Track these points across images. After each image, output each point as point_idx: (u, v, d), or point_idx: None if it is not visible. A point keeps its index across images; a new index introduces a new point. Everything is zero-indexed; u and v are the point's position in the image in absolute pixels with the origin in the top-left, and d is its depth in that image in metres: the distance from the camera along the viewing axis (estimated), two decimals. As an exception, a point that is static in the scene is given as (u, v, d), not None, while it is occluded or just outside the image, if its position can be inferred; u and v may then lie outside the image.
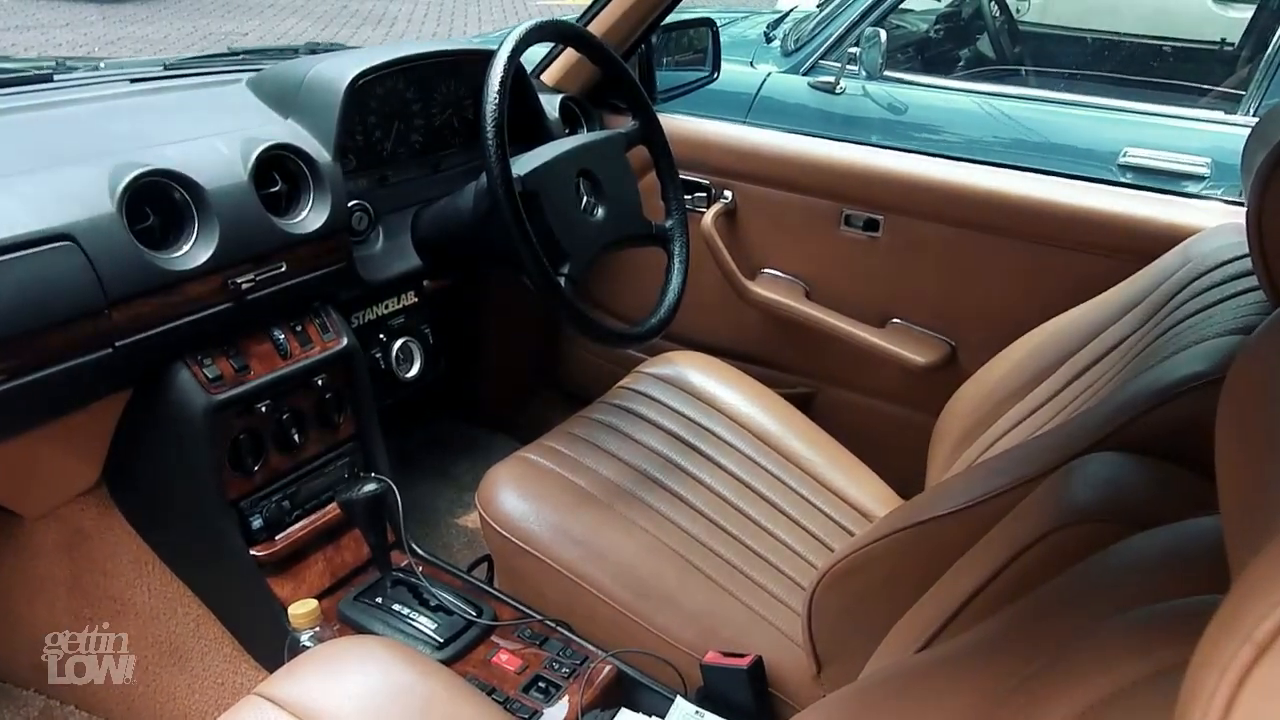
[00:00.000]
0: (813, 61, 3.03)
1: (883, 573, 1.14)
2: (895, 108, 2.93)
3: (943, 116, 2.95)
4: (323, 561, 1.43)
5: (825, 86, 2.94)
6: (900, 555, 1.12)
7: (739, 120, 2.18)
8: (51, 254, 1.09)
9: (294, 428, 1.41)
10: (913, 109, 2.95)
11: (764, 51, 3.28)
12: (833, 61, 3.00)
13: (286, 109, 1.47)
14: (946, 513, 1.05)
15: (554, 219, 1.45)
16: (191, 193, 1.25)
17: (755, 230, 2.00)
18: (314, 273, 1.41)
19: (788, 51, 3.18)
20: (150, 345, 1.20)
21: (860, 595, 1.18)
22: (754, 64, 3.14)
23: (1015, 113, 2.92)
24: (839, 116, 2.90)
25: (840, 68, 2.90)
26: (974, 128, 2.89)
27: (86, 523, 1.40)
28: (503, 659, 1.33)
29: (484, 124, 1.33)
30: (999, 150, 2.80)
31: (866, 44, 2.85)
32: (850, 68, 2.91)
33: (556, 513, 1.44)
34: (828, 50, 3.01)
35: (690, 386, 1.75)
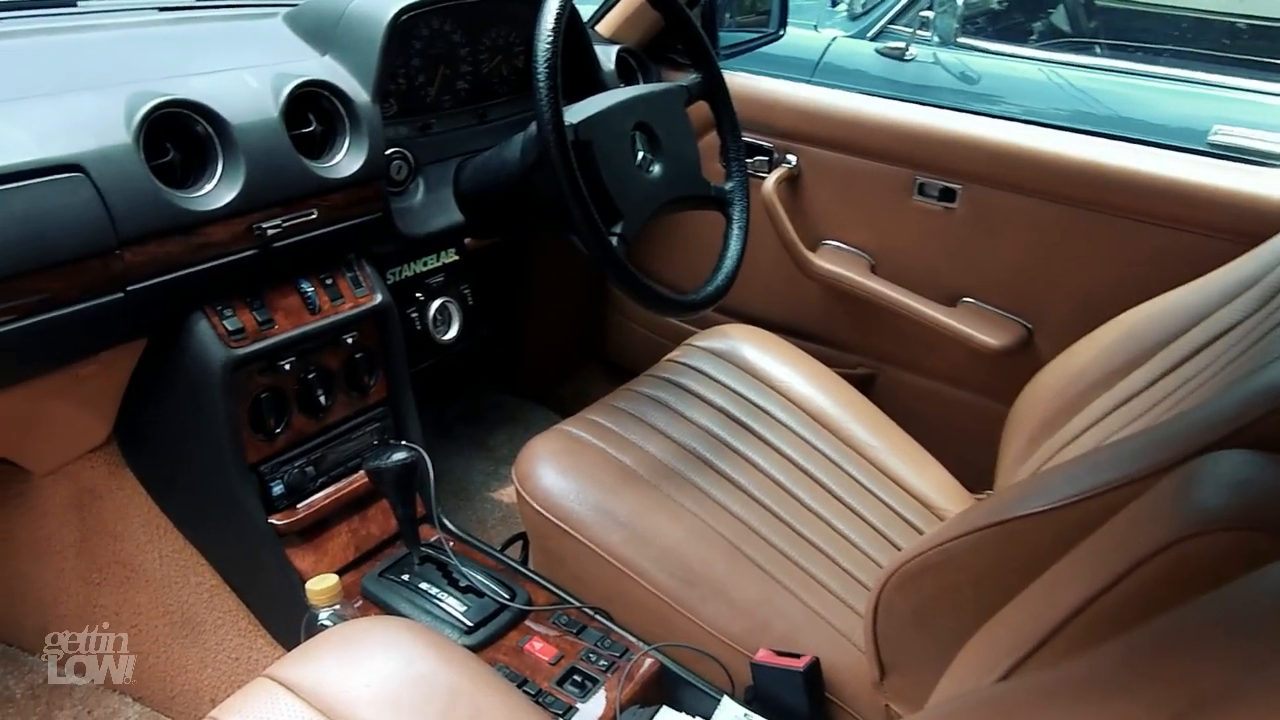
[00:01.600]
0: (881, 26, 2.88)
1: (959, 575, 1.02)
2: (967, 77, 2.77)
3: (1017, 89, 2.78)
4: (347, 533, 1.33)
5: (893, 53, 2.78)
6: (980, 556, 0.99)
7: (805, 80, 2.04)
8: (58, 185, 0.99)
9: (320, 389, 1.31)
10: (986, 80, 2.79)
11: (829, 15, 3.13)
12: (902, 27, 2.84)
13: (325, 45, 1.36)
14: (1037, 511, 0.92)
15: (607, 173, 1.33)
16: (216, 127, 1.15)
17: (819, 198, 1.86)
18: (347, 222, 1.30)
19: (855, 15, 3.03)
20: (166, 291, 1.10)
21: (933, 598, 1.05)
22: (818, 28, 2.99)
23: (1095, 87, 2.75)
24: (907, 85, 2.74)
25: (911, 33, 2.75)
26: (1051, 102, 2.72)
27: (97, 482, 1.32)
28: (536, 647, 1.22)
29: (536, 63, 1.22)
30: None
31: (940, 9, 2.69)
32: (922, 33, 2.75)
33: (599, 492, 1.33)
34: (898, 15, 2.85)
35: (744, 362, 1.63)
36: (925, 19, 2.73)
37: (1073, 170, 1.59)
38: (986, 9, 3.67)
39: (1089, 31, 3.75)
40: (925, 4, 2.79)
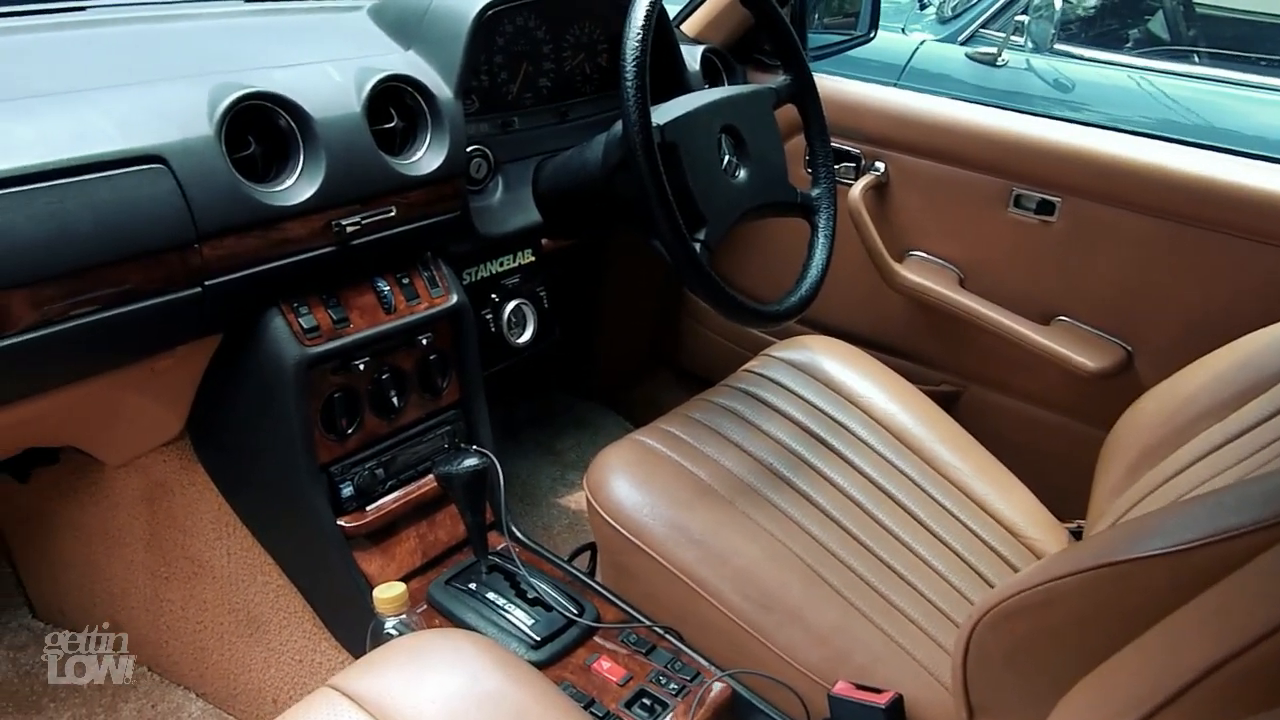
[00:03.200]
0: (972, 30, 2.78)
1: (1061, 617, 0.95)
2: (1061, 85, 2.67)
3: (1114, 98, 2.67)
4: (415, 538, 1.31)
5: (985, 58, 2.69)
6: (1086, 599, 0.92)
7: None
8: (139, 176, 0.98)
9: (393, 390, 1.28)
10: (1081, 88, 2.68)
11: (917, 18, 3.04)
12: (995, 32, 2.74)
13: (408, 39, 1.34)
14: (1152, 554, 0.85)
15: (693, 177, 1.28)
16: (298, 121, 1.13)
17: (907, 207, 1.79)
18: (426, 220, 1.28)
19: (944, 19, 2.94)
20: (243, 287, 1.09)
21: (1031, 640, 0.99)
22: (905, 30, 2.91)
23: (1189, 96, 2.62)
24: (998, 91, 2.65)
25: (1004, 38, 2.65)
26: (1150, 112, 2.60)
27: (168, 476, 1.31)
28: (604, 667, 1.18)
29: (624, 61, 1.18)
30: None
31: (1036, 13, 2.59)
32: (1015, 39, 2.65)
33: (673, 506, 1.28)
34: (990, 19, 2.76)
35: (823, 375, 1.57)
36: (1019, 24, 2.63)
37: (1182, 185, 1.50)
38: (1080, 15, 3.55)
39: (1187, 39, 3.61)
40: (1020, 8, 2.69)
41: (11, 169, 0.89)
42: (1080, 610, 0.92)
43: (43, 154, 0.92)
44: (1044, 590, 0.94)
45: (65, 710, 1.40)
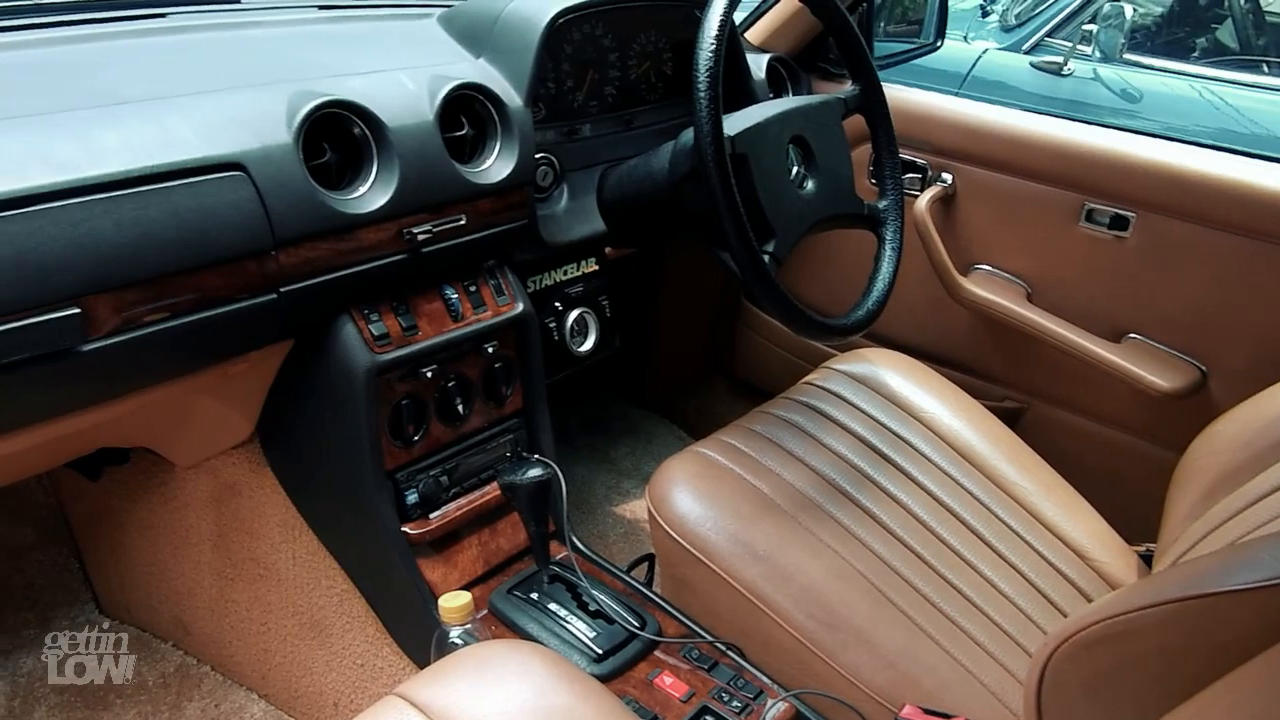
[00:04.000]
0: (1038, 39, 2.73)
1: (1144, 649, 0.92)
2: (1129, 95, 2.62)
3: (1184, 109, 2.61)
4: (477, 546, 1.31)
5: (1050, 67, 2.64)
6: (1171, 631, 0.89)
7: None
8: (220, 184, 0.99)
9: (459, 397, 1.29)
10: (1149, 98, 2.62)
11: (979, 25, 3.00)
12: (1061, 40, 2.69)
13: (478, 47, 1.34)
14: (1244, 588, 0.82)
15: (762, 189, 1.27)
16: (373, 129, 1.13)
17: (974, 220, 1.76)
18: (494, 229, 1.28)
19: (1008, 27, 2.89)
20: (317, 294, 1.09)
21: (1112, 671, 0.96)
22: (968, 39, 2.86)
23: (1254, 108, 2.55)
24: (1063, 101, 2.60)
25: (1071, 47, 2.60)
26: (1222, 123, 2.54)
27: (237, 478, 1.32)
28: (666, 682, 1.17)
29: (697, 71, 1.17)
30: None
31: (1106, 22, 2.54)
32: (1082, 48, 2.60)
33: (737, 521, 1.27)
34: (1056, 27, 2.71)
35: (886, 389, 1.55)
36: (1087, 33, 2.58)
37: (1262, 201, 1.46)
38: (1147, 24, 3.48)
39: (1257, 48, 3.52)
40: (1088, 17, 2.64)
41: (100, 175, 0.90)
42: (1165, 642, 0.89)
43: (128, 161, 0.93)
44: (1126, 620, 0.92)
45: (131, 707, 1.42)
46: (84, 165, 0.90)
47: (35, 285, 0.85)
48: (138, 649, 1.50)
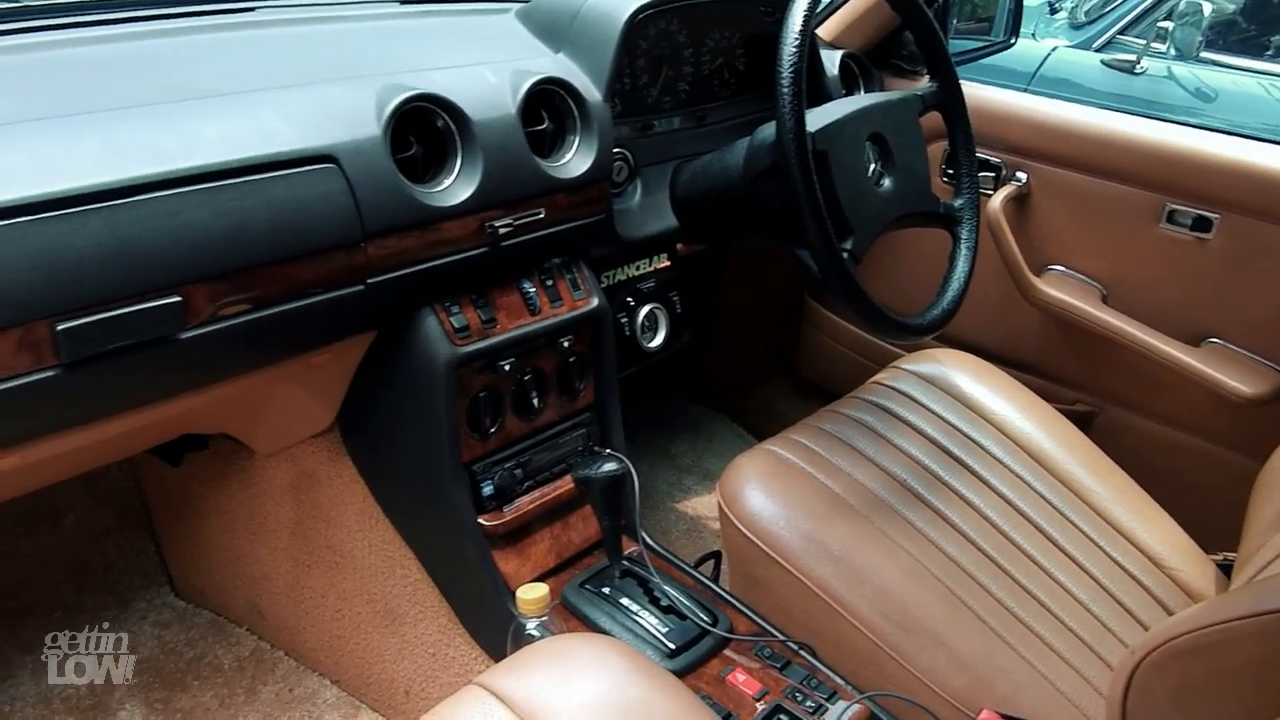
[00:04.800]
0: (1109, 36, 2.68)
1: (1240, 661, 0.90)
2: (1204, 94, 2.55)
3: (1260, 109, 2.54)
4: (549, 539, 1.31)
5: (1122, 65, 2.59)
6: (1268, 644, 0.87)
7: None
8: (312, 176, 1.00)
9: (534, 391, 1.29)
10: (1224, 98, 2.56)
11: (1048, 22, 2.95)
12: (1133, 38, 2.64)
13: (557, 42, 1.34)
14: (1354, 602, 0.80)
15: (842, 186, 1.26)
16: (458, 123, 1.14)
17: (1049, 220, 1.73)
18: (572, 223, 1.28)
19: (1078, 24, 2.84)
20: (402, 286, 1.10)
21: (1203, 682, 0.94)
22: (1036, 36, 2.82)
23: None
24: (1137, 100, 2.54)
25: (1145, 45, 2.55)
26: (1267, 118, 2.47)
27: (317, 467, 1.34)
28: (739, 679, 1.16)
29: (780, 68, 1.16)
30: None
31: (1182, 19, 2.48)
32: (1156, 45, 2.54)
33: (810, 520, 1.26)
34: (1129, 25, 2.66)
35: (956, 390, 1.53)
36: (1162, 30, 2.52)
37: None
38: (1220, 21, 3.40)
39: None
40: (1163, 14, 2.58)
41: (199, 166, 0.92)
42: (1260, 655, 0.87)
43: (226, 152, 0.95)
44: (1219, 630, 0.90)
45: (208, 689, 1.44)
46: (184, 156, 0.92)
47: (139, 273, 0.87)
48: (212, 632, 1.53)
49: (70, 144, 0.87)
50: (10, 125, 0.86)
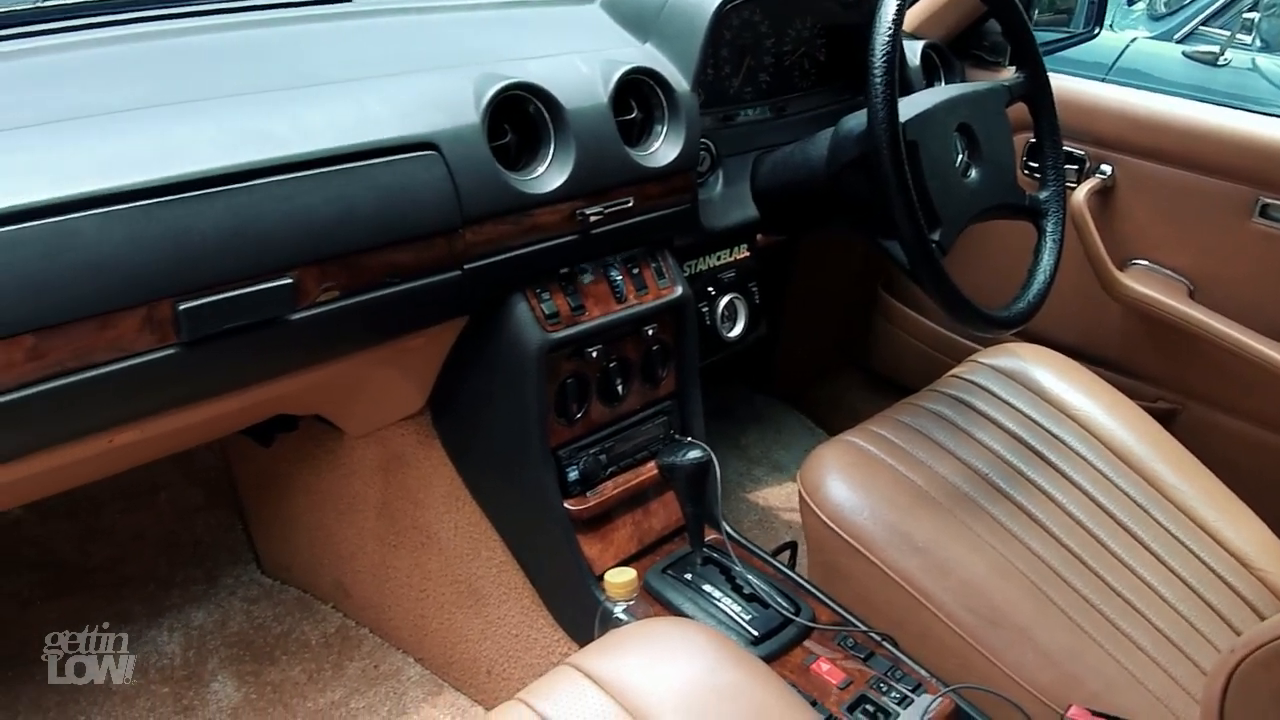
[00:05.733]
0: (1191, 28, 2.62)
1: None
2: (1291, 87, 2.48)
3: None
4: (631, 525, 1.32)
5: (1204, 57, 2.52)
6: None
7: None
8: (415, 162, 1.02)
9: (619, 378, 1.31)
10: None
11: (1125, 13, 2.89)
12: (1217, 30, 2.57)
13: (645, 33, 1.35)
14: None
15: (931, 177, 1.25)
16: (552, 111, 1.15)
17: (1135, 213, 1.71)
18: (658, 212, 1.29)
19: (1157, 15, 2.78)
20: (496, 272, 1.12)
21: (1309, 682, 0.92)
22: (1114, 27, 2.75)
23: None
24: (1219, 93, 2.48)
25: (1229, 36, 2.48)
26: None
27: (406, 448, 1.37)
28: (823, 669, 1.17)
29: (873, 58, 1.16)
30: None
31: (1269, 10, 2.42)
32: (1241, 37, 2.48)
33: (894, 511, 1.26)
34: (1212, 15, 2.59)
35: (1035, 385, 1.51)
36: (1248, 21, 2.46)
37: None
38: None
39: None
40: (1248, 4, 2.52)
41: (310, 152, 0.95)
42: (1370, 655, 0.85)
43: (334, 139, 0.97)
44: (1328, 631, 0.88)
45: (296, 664, 1.48)
46: (296, 142, 0.95)
47: (255, 256, 0.90)
48: (299, 609, 1.57)
49: (191, 129, 0.90)
50: (136, 111, 0.89)
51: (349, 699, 1.43)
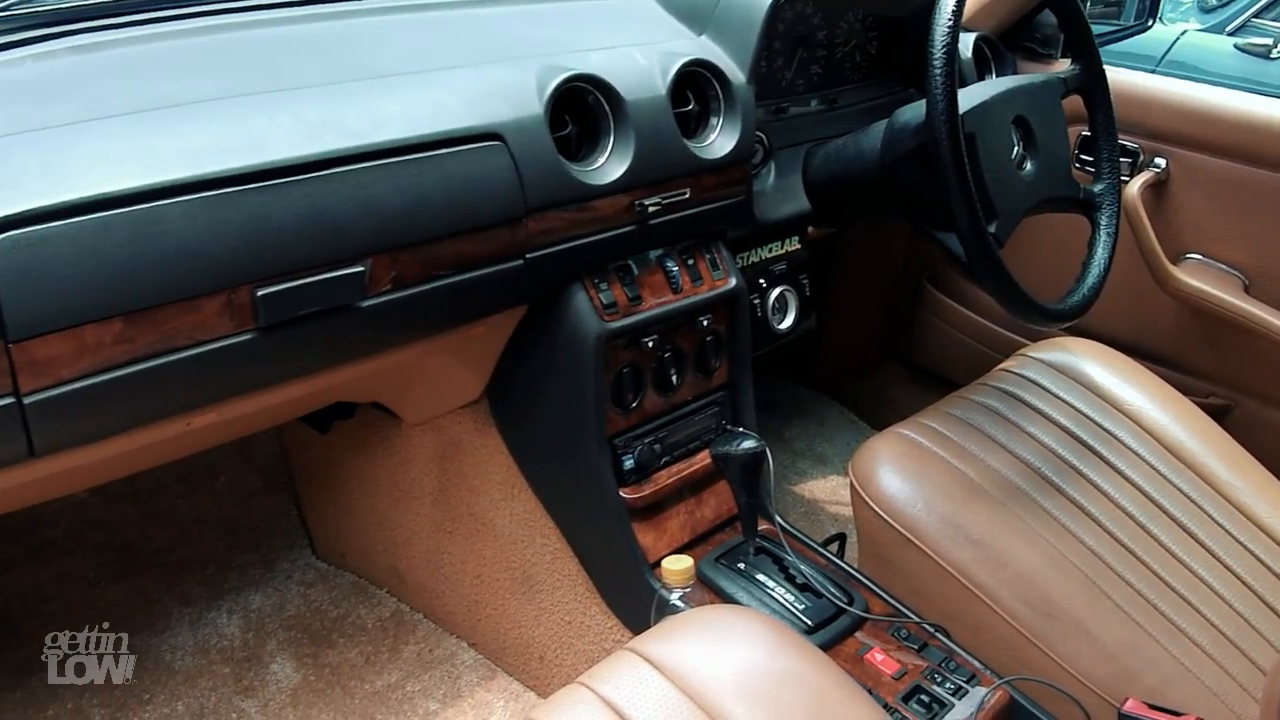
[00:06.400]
0: (1244, 19, 2.58)
1: None
2: (1345, 80, 2.44)
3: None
4: (684, 514, 1.34)
5: (1257, 49, 2.49)
6: None
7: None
8: (482, 153, 1.04)
9: (673, 368, 1.32)
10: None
11: (1174, 4, 2.85)
12: (1270, 21, 2.54)
13: (700, 25, 1.36)
14: None
15: (987, 169, 1.25)
16: (612, 103, 1.17)
17: (1189, 207, 1.69)
18: (714, 204, 1.30)
19: (1208, 7, 2.74)
20: (556, 262, 1.14)
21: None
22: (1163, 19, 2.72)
23: None
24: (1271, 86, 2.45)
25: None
26: None
27: (463, 436, 1.38)
28: (877, 658, 1.17)
29: (933, 50, 1.16)
30: None
31: (1324, 1, 2.38)
32: (1296, 29, 2.44)
33: (948, 503, 1.26)
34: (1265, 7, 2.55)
35: (1087, 380, 1.50)
36: (1302, 12, 2.42)
37: None
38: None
39: None
40: (1303, -5, 2.48)
41: (384, 142, 0.96)
42: None
43: (406, 129, 0.99)
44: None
45: (353, 646, 1.51)
46: (369, 132, 0.96)
47: (331, 243, 0.92)
48: (354, 593, 1.59)
49: (269, 119, 0.92)
50: (216, 101, 0.91)
51: (405, 682, 1.45)
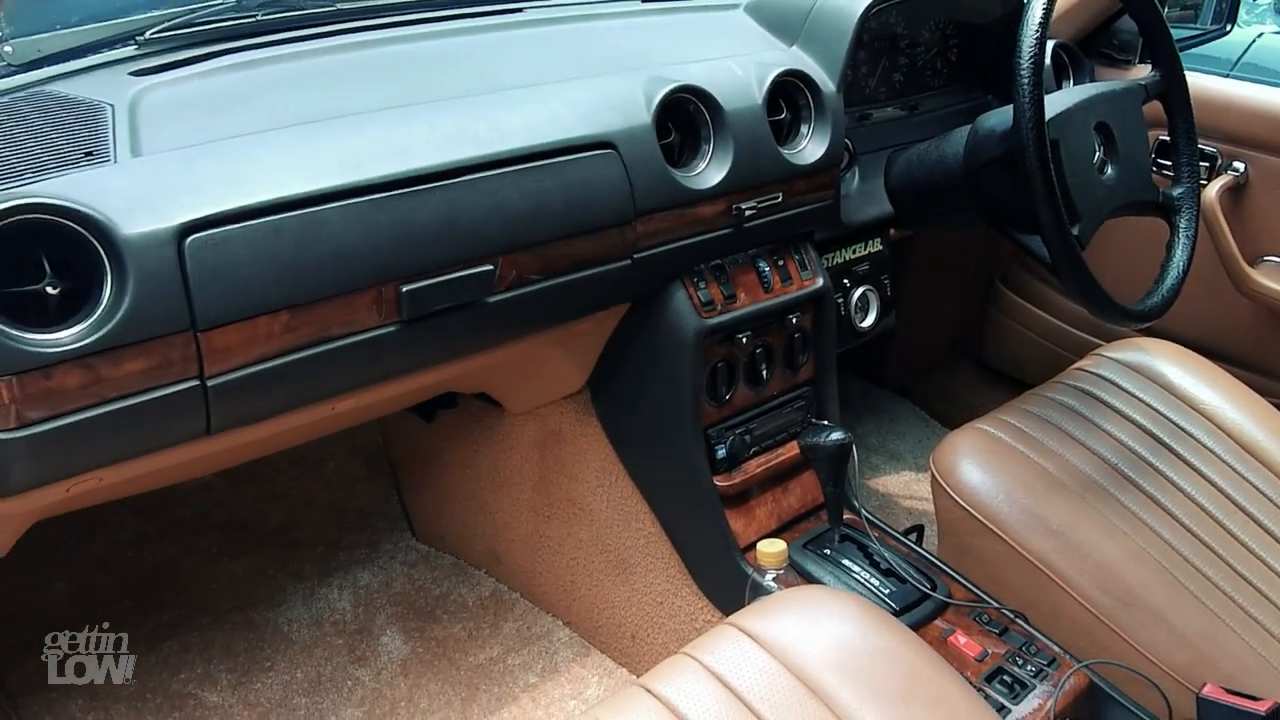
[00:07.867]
0: (1321, 22, 2.57)
1: None
2: None
3: None
4: (771, 502, 1.40)
5: (1336, 52, 2.49)
6: None
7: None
8: (596, 160, 1.11)
9: (763, 363, 1.39)
10: None
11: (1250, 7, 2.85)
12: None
13: (791, 36, 1.42)
14: None
15: (1070, 174, 1.30)
16: (712, 112, 1.24)
17: (1267, 211, 1.72)
18: (804, 207, 1.37)
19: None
20: (661, 261, 1.21)
21: None
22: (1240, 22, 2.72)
23: None
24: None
25: (1362, 30, 2.45)
26: None
27: (564, 426, 1.47)
28: (960, 641, 1.23)
29: (1020, 58, 1.21)
30: None
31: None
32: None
33: (1028, 495, 1.31)
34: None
35: (1163, 380, 1.54)
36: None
37: None
38: None
39: None
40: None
41: (509, 150, 1.05)
42: None
43: (528, 138, 1.07)
44: None
45: (456, 622, 1.60)
46: (497, 141, 1.05)
47: (465, 245, 1.01)
48: (454, 573, 1.69)
49: (409, 130, 1.01)
50: (363, 114, 1.00)
51: (505, 656, 1.54)
